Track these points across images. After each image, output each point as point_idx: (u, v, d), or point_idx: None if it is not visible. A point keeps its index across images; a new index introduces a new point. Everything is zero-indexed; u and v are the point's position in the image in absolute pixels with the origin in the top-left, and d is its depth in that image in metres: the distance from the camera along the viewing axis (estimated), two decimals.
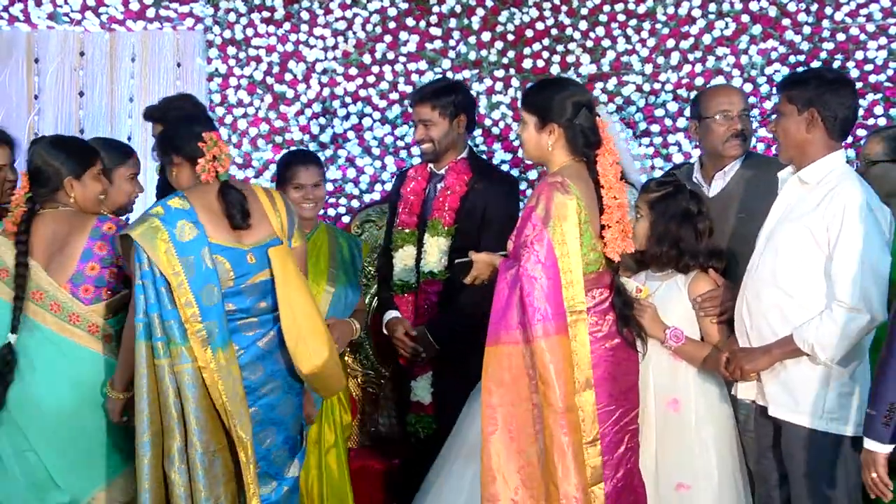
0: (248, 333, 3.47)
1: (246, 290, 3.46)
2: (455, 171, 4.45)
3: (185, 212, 3.41)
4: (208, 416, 3.37)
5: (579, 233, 3.40)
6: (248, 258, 3.46)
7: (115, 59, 6.27)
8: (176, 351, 3.35)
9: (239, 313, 3.46)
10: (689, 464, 3.67)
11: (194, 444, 3.35)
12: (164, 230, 3.37)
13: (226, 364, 3.36)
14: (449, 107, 4.42)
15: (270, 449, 3.51)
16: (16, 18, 6.20)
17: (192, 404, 3.34)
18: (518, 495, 3.32)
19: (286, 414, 3.54)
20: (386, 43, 5.97)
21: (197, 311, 3.34)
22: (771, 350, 3.48)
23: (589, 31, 5.88)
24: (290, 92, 6.01)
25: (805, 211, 3.47)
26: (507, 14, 5.92)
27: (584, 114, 3.50)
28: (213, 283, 3.37)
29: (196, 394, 3.35)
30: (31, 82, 6.27)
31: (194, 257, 3.37)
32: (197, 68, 6.21)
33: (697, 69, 5.81)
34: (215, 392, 3.34)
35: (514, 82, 5.92)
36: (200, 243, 3.38)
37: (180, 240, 3.36)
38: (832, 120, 3.47)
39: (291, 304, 3.44)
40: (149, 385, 3.37)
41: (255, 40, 6.03)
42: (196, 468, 3.35)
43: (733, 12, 5.81)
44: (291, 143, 5.99)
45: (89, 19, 6.17)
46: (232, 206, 3.45)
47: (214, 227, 3.44)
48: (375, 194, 5.92)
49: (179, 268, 3.35)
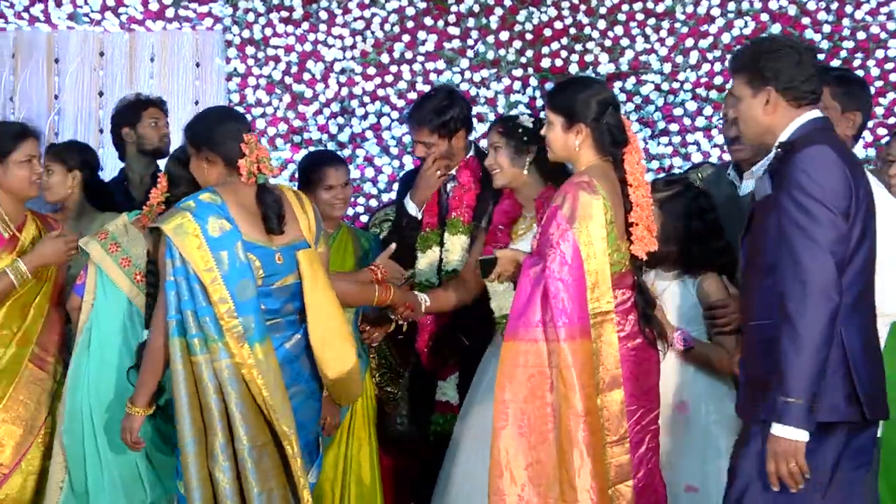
0: (276, 335, 3.44)
1: (275, 291, 3.43)
2: (467, 168, 4.44)
3: (216, 206, 3.37)
4: (251, 411, 3.32)
5: (606, 233, 3.39)
6: (277, 258, 3.43)
7: (134, 59, 6.30)
8: (214, 347, 3.30)
9: (267, 314, 3.42)
10: (699, 466, 3.65)
11: (241, 439, 3.30)
12: (196, 224, 3.33)
13: (264, 358, 3.32)
14: (447, 126, 4.41)
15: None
16: (36, 19, 6.23)
17: (235, 399, 3.30)
18: (525, 492, 3.31)
19: (307, 419, 3.51)
20: (404, 42, 5.98)
21: (232, 306, 3.30)
22: None
23: (607, 30, 5.87)
24: (309, 91, 6.03)
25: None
26: (525, 13, 5.92)
27: (610, 112, 3.50)
28: (248, 277, 3.34)
29: (238, 389, 3.31)
30: (51, 82, 6.31)
31: (228, 252, 3.33)
32: (216, 68, 6.24)
33: (716, 68, 5.80)
34: (255, 387, 3.31)
35: (532, 81, 5.91)
36: (234, 238, 3.35)
37: (212, 234, 3.33)
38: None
39: (319, 308, 3.43)
40: (187, 382, 3.33)
41: (273, 40, 6.04)
42: (246, 463, 3.30)
43: (753, 11, 5.79)
44: (310, 142, 6.00)
45: (109, 20, 6.20)
46: (270, 209, 3.42)
47: (247, 225, 3.40)
48: (393, 194, 5.92)
49: (213, 263, 3.31)
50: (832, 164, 2.97)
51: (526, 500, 3.30)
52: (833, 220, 2.94)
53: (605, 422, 3.37)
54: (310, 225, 3.52)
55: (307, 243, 3.49)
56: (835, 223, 2.94)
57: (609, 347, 3.38)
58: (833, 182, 2.96)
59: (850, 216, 2.97)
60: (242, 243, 3.36)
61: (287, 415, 3.33)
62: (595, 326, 3.34)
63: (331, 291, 3.49)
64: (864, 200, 3.03)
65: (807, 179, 2.96)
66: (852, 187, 2.97)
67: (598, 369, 3.36)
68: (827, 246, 2.92)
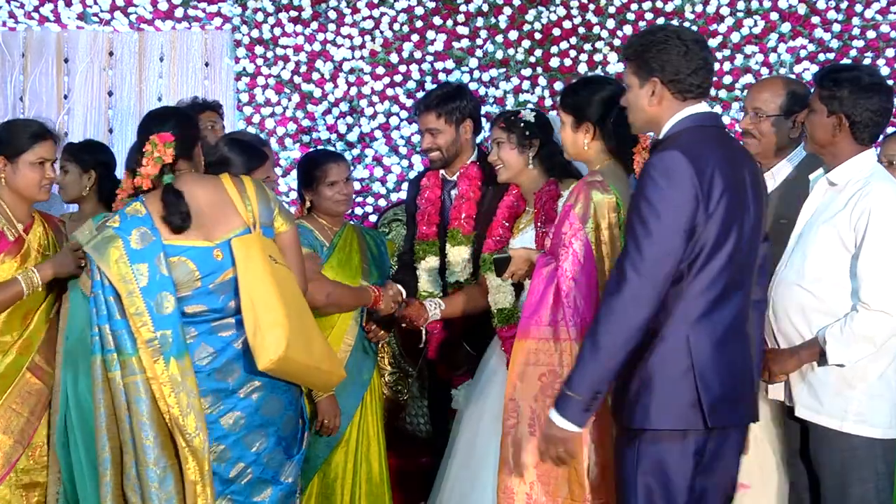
0: (224, 335, 3.37)
1: (216, 289, 3.34)
2: (467, 177, 4.42)
3: (140, 218, 3.31)
4: (159, 430, 3.26)
5: (619, 232, 3.39)
6: (215, 255, 3.34)
7: (143, 59, 6.31)
8: (126, 362, 3.26)
9: (212, 314, 3.35)
10: (746, 464, 3.63)
11: (143, 461, 3.25)
12: (119, 238, 3.29)
13: (179, 375, 3.25)
14: (454, 113, 4.40)
15: (261, 452, 3.40)
16: (46, 19, 6.25)
17: (140, 419, 3.25)
18: (533, 490, 3.31)
19: (273, 414, 3.42)
20: (413, 42, 5.98)
21: (148, 319, 3.24)
22: (799, 352, 3.45)
23: (616, 29, 5.87)
24: (318, 91, 6.04)
25: (834, 212, 3.43)
26: (534, 13, 5.92)
27: (618, 112, 3.50)
28: (167, 291, 3.27)
29: (145, 408, 3.25)
30: (60, 82, 6.32)
31: (148, 264, 3.27)
32: (225, 67, 6.25)
33: (726, 67, 5.79)
34: (164, 404, 3.24)
35: (541, 81, 5.92)
36: (155, 249, 3.29)
37: (134, 247, 3.28)
38: (860, 126, 3.41)
39: (251, 295, 3.29)
40: (105, 400, 3.30)
41: (282, 39, 6.05)
42: (147, 485, 3.25)
43: (762, 10, 5.79)
44: (319, 142, 6.00)
45: (118, 19, 6.21)
46: (170, 208, 3.31)
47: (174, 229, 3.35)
48: (402, 193, 5.91)
49: (131, 276, 3.26)
50: (678, 173, 2.91)
51: (534, 500, 3.30)
52: (665, 235, 2.90)
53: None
54: (253, 211, 3.40)
55: (248, 230, 3.39)
56: (666, 238, 2.90)
57: None
58: (674, 193, 2.90)
59: (698, 226, 2.92)
60: (166, 252, 3.30)
61: (199, 435, 3.25)
62: None
63: (268, 275, 3.33)
64: (727, 204, 2.95)
65: (650, 188, 2.93)
66: (699, 197, 2.90)
67: None
68: (650, 260, 2.89)
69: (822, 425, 3.44)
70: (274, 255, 3.38)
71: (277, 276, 3.34)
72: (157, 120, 3.47)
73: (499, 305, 3.98)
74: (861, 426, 3.40)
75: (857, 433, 3.40)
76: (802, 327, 3.45)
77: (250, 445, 3.38)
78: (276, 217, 3.46)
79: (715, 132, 3.09)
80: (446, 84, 4.70)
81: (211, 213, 3.37)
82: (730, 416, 3.04)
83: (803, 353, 3.43)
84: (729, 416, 3.03)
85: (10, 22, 6.26)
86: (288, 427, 3.47)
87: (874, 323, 3.32)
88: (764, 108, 3.84)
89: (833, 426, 3.42)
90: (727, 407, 3.00)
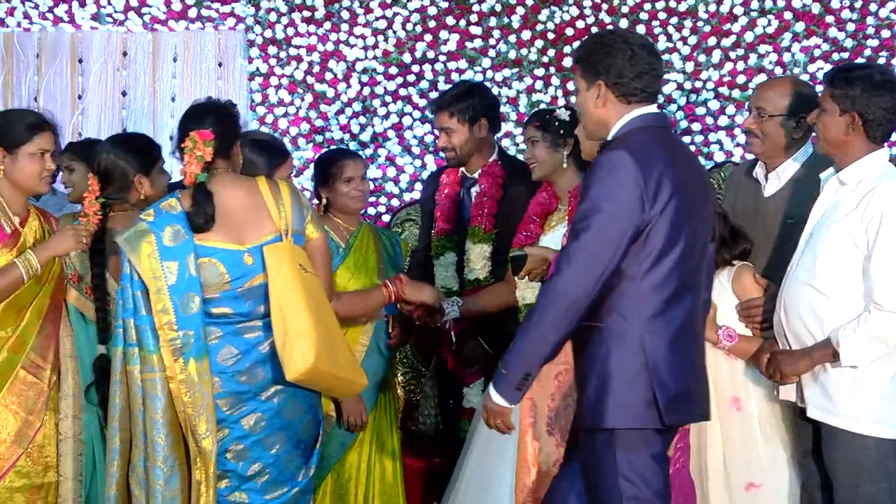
0: (249, 336, 3.35)
1: (244, 293, 3.33)
2: (489, 174, 4.42)
3: (174, 215, 3.30)
4: (171, 429, 3.26)
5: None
6: (246, 259, 3.32)
7: (157, 59, 6.33)
8: (146, 358, 3.26)
9: (238, 317, 3.33)
10: (758, 462, 3.63)
11: (152, 457, 3.25)
12: (151, 233, 3.27)
13: (196, 376, 3.25)
14: (467, 112, 4.39)
15: (280, 455, 3.40)
16: (60, 19, 6.27)
17: (154, 415, 3.25)
18: None
19: (294, 416, 3.41)
20: (426, 42, 5.99)
21: (173, 318, 3.24)
22: (811, 353, 3.44)
23: (630, 28, 5.85)
24: (331, 91, 6.04)
25: (845, 212, 3.42)
26: (547, 12, 5.91)
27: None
28: (194, 291, 3.26)
29: (160, 405, 3.25)
30: (74, 82, 6.34)
31: (178, 263, 3.26)
32: (238, 68, 6.26)
33: (739, 67, 5.78)
34: (179, 403, 3.24)
35: (554, 81, 5.91)
36: (187, 249, 3.27)
37: (166, 244, 3.26)
38: (874, 125, 3.40)
39: (280, 304, 3.28)
40: (121, 392, 3.31)
41: (295, 40, 6.06)
42: (153, 482, 3.25)
43: (776, 9, 5.77)
44: (332, 142, 6.01)
45: (132, 20, 6.23)
46: (196, 207, 3.29)
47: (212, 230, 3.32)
48: (415, 193, 5.93)
49: (160, 273, 3.25)
50: (623, 172, 2.94)
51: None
52: (604, 231, 2.93)
53: None
54: (286, 217, 3.38)
55: (280, 237, 3.37)
56: (605, 234, 2.93)
57: None
58: (617, 192, 2.94)
59: (646, 227, 2.95)
60: (197, 253, 3.28)
61: (208, 437, 3.25)
62: None
63: (299, 286, 3.31)
64: (677, 206, 2.98)
65: (594, 185, 2.97)
66: (644, 198, 2.93)
67: None
68: (587, 254, 2.94)
69: (834, 426, 3.43)
70: (303, 263, 3.36)
71: (307, 286, 3.32)
72: (196, 116, 3.42)
73: (527, 301, 3.97)
74: (873, 427, 3.39)
75: (869, 434, 3.39)
76: (814, 328, 3.44)
77: (269, 447, 3.37)
78: (308, 224, 3.44)
79: (663, 134, 3.12)
80: (462, 83, 4.70)
81: (244, 216, 3.35)
82: (685, 413, 3.07)
83: (816, 354, 3.42)
84: (685, 413, 3.06)
85: (24, 23, 6.29)
86: (307, 430, 3.47)
87: (887, 324, 3.31)
88: (768, 108, 3.84)
89: (845, 427, 3.41)
90: (683, 405, 3.02)
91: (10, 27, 6.30)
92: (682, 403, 3.01)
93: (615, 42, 3.09)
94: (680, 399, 3.00)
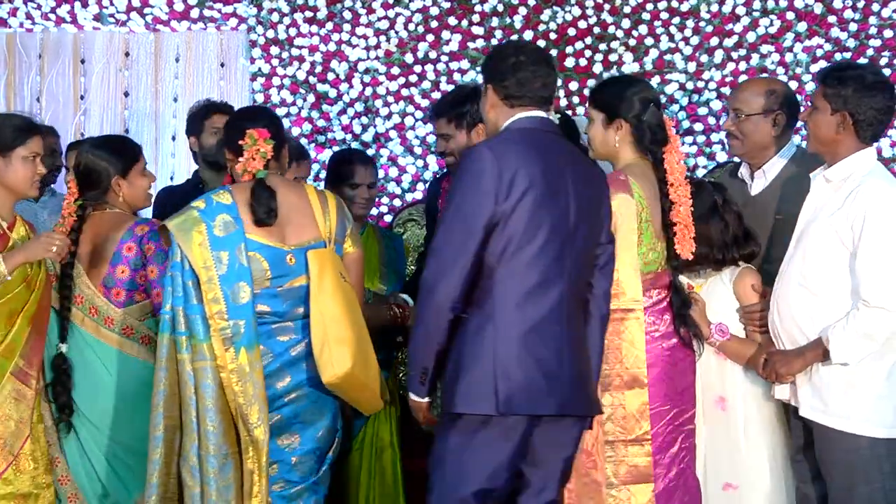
0: (282, 339, 3.40)
1: (283, 293, 3.38)
2: None
3: (226, 206, 3.35)
4: (223, 418, 3.30)
5: (637, 231, 3.38)
6: (288, 259, 3.38)
7: (159, 60, 6.33)
8: (197, 347, 3.29)
9: (273, 316, 3.38)
10: (737, 463, 3.64)
11: (205, 446, 3.28)
12: (203, 223, 3.32)
13: (248, 365, 3.29)
14: (465, 118, 4.38)
15: (291, 453, 3.44)
16: (62, 20, 6.27)
17: (206, 403, 3.28)
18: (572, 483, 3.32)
19: (310, 422, 3.45)
20: (428, 42, 5.99)
21: (224, 308, 3.28)
22: (804, 353, 3.46)
23: (632, 29, 5.86)
24: (333, 91, 6.04)
25: (832, 210, 3.44)
26: (549, 13, 5.91)
27: (651, 110, 3.49)
28: (245, 281, 3.31)
29: (212, 393, 3.28)
30: (77, 83, 6.34)
31: (228, 253, 3.30)
32: (240, 68, 6.26)
33: (741, 67, 5.78)
34: (230, 392, 3.28)
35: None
36: (237, 239, 3.32)
37: (217, 234, 3.31)
38: (864, 124, 3.43)
39: (322, 309, 3.34)
40: (168, 379, 3.33)
41: (297, 40, 6.06)
42: (207, 471, 3.28)
43: (778, 9, 5.77)
44: (334, 142, 6.02)
45: (134, 20, 6.24)
46: (259, 201, 3.34)
47: (254, 224, 3.37)
48: (418, 193, 5.93)
49: (211, 262, 3.29)
50: (478, 167, 3.07)
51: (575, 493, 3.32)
52: (460, 224, 3.07)
53: (620, 419, 3.38)
54: (331, 226, 3.46)
55: (323, 244, 3.44)
56: (461, 227, 3.06)
57: (631, 346, 3.38)
58: (473, 186, 3.07)
59: (501, 219, 3.05)
60: (246, 244, 3.33)
61: (260, 426, 3.29)
62: (613, 322, 3.33)
63: (341, 293, 3.39)
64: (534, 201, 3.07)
65: (455, 181, 3.13)
66: (498, 192, 3.04)
67: (615, 366, 3.37)
68: (448, 246, 3.08)
69: (827, 425, 3.44)
70: (343, 272, 3.44)
71: (346, 295, 3.40)
72: (250, 116, 3.56)
73: None
74: (866, 426, 3.41)
75: (862, 433, 3.40)
76: (806, 327, 3.46)
77: (282, 444, 3.42)
78: (348, 237, 3.53)
79: (535, 135, 3.21)
80: (461, 87, 4.69)
81: (290, 218, 3.41)
82: (528, 406, 3.07)
83: (808, 353, 3.44)
84: (527, 406, 3.07)
85: (27, 23, 6.29)
86: (324, 438, 3.50)
87: (874, 320, 3.33)
88: (744, 109, 3.93)
89: (838, 426, 3.43)
90: (525, 397, 3.05)
91: (13, 27, 6.30)
92: (525, 396, 3.05)
93: (505, 50, 3.34)
94: (524, 391, 3.05)
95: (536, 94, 3.23)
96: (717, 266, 3.75)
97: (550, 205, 3.10)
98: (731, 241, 3.72)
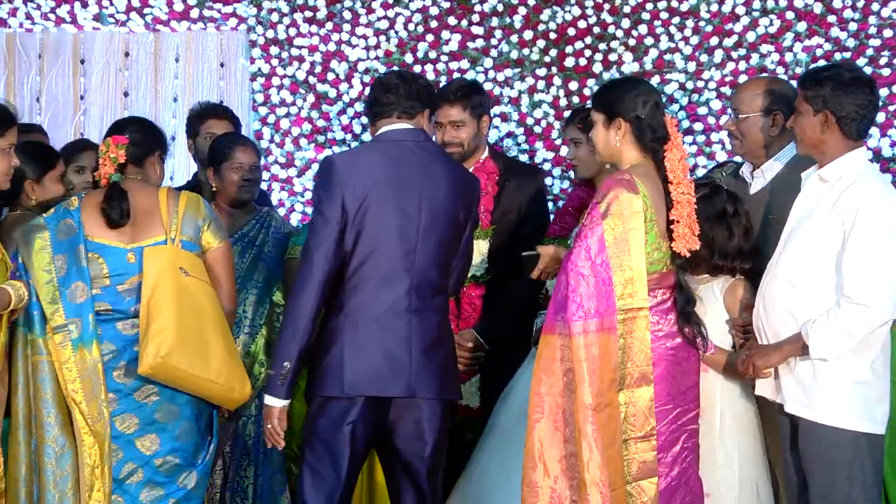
0: (126, 334, 3.51)
1: (124, 291, 3.51)
2: (483, 171, 4.42)
3: (70, 211, 3.55)
4: (59, 411, 3.44)
5: (644, 230, 3.39)
6: (129, 258, 3.53)
7: (159, 60, 6.33)
8: (34, 342, 3.46)
9: (116, 313, 3.51)
10: (711, 472, 3.64)
11: (42, 438, 3.43)
12: (46, 228, 3.52)
13: (85, 362, 3.42)
14: (478, 107, 4.39)
15: (153, 456, 3.49)
16: (62, 20, 6.27)
17: (43, 396, 3.44)
18: (557, 484, 3.33)
19: (167, 421, 3.50)
20: (428, 42, 5.99)
21: (61, 307, 3.45)
22: (782, 346, 3.48)
23: (631, 29, 5.86)
24: (333, 91, 6.05)
25: (824, 209, 3.47)
26: (549, 12, 5.91)
27: (651, 109, 3.50)
28: (82, 281, 3.47)
29: (48, 387, 3.45)
30: (76, 83, 6.35)
31: (68, 255, 3.48)
32: (240, 68, 6.26)
33: (741, 67, 5.78)
34: (67, 388, 3.41)
35: (556, 81, 5.91)
36: (76, 242, 3.49)
37: (59, 238, 3.50)
38: (847, 121, 3.47)
39: (147, 301, 3.44)
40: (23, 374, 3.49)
41: (297, 40, 6.06)
42: (43, 462, 3.42)
43: (777, 9, 5.77)
44: (334, 142, 6.02)
45: (134, 20, 6.24)
46: (110, 203, 3.52)
47: (99, 226, 3.53)
48: None
49: (51, 265, 3.47)
50: (327, 173, 3.51)
51: (558, 493, 3.32)
52: (320, 225, 3.48)
53: (631, 417, 3.39)
54: (178, 223, 3.56)
55: (164, 241, 3.54)
56: (321, 228, 3.47)
57: (640, 344, 3.38)
58: (324, 189, 3.50)
59: (348, 219, 3.46)
60: (86, 246, 3.49)
61: (101, 421, 3.40)
62: (626, 322, 3.35)
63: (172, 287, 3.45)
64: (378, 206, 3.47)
65: (314, 186, 3.63)
66: (344, 195, 3.45)
67: (627, 365, 3.37)
68: (311, 247, 3.47)
69: (809, 420, 3.47)
70: (187, 267, 3.52)
71: (183, 288, 3.48)
72: (117, 126, 3.78)
73: None
74: (847, 420, 3.43)
75: (843, 427, 3.42)
76: (793, 324, 3.48)
77: (142, 448, 3.49)
78: (205, 233, 3.61)
79: (388, 145, 3.60)
80: (461, 79, 4.70)
81: (137, 218, 3.55)
82: (375, 388, 3.49)
83: (787, 347, 3.47)
84: (374, 388, 3.49)
85: (26, 23, 6.29)
86: (185, 436, 3.53)
87: (855, 316, 3.35)
88: (743, 109, 3.96)
89: (819, 420, 3.45)
90: (371, 381, 3.48)
91: (13, 27, 6.30)
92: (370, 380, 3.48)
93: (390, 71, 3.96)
94: (369, 376, 3.48)
95: (392, 109, 3.62)
96: (714, 272, 3.76)
97: (393, 211, 3.49)
98: (733, 251, 3.73)
